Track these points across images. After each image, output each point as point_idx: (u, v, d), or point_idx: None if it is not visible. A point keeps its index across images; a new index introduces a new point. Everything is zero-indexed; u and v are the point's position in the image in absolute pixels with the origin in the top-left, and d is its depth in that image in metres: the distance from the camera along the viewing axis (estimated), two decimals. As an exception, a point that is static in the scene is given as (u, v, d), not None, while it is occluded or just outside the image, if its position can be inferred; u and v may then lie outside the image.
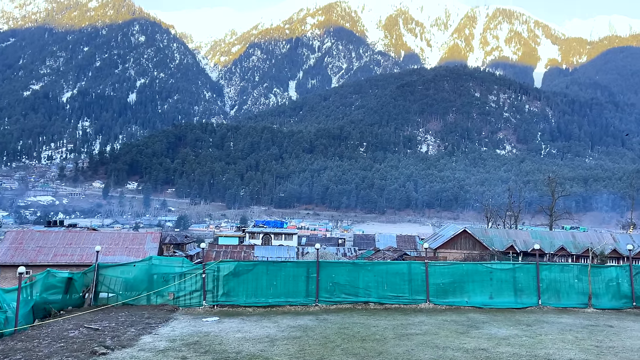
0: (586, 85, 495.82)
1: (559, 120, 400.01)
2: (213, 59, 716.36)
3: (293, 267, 21.68)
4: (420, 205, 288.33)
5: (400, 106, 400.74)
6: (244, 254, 61.28)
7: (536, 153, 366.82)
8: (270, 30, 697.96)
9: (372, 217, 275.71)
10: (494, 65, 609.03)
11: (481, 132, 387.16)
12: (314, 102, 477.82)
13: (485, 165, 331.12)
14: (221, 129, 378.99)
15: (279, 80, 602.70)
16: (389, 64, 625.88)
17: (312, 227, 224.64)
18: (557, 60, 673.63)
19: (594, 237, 72.33)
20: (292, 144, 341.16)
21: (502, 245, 67.50)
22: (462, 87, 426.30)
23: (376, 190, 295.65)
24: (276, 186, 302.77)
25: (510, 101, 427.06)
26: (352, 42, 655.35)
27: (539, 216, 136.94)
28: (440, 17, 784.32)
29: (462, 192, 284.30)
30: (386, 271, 21.41)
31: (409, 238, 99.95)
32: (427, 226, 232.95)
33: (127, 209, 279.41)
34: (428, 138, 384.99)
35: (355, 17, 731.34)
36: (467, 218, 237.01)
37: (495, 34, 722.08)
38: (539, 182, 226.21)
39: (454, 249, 66.43)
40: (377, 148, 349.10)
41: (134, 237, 50.83)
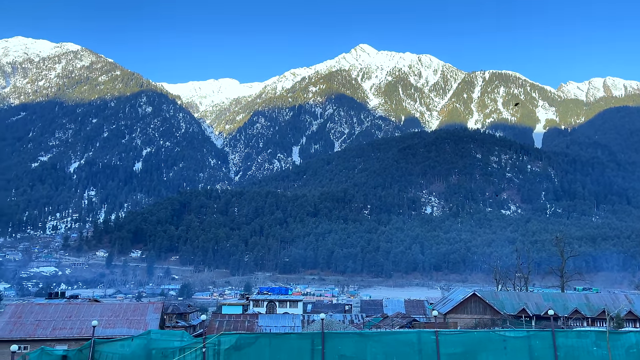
0: (586, 145, 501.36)
1: (562, 180, 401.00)
2: (218, 127, 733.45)
3: (297, 340, 20.79)
4: (427, 268, 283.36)
5: (402, 168, 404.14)
6: (248, 324, 59.48)
7: (541, 213, 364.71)
8: (273, 99, 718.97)
9: (378, 281, 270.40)
10: (493, 127, 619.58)
11: (485, 193, 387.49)
12: (317, 166, 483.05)
13: (491, 226, 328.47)
14: (226, 194, 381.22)
15: (282, 146, 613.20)
16: (390, 128, 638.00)
17: (318, 292, 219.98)
18: (556, 121, 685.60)
19: (608, 299, 70.11)
20: (296, 208, 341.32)
21: (514, 308, 65.42)
22: (464, 148, 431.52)
23: (382, 253, 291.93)
24: (281, 251, 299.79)
25: (512, 161, 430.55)
26: (353, 108, 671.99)
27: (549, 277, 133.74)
28: (439, 83, 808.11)
29: (469, 254, 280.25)
30: (395, 341, 20.48)
31: (417, 303, 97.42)
32: (436, 289, 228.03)
33: (130, 278, 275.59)
34: (432, 199, 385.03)
35: (356, 85, 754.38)
36: (475, 280, 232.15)
37: (493, 97, 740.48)
38: (546, 242, 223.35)
39: (465, 314, 64.39)
40: (381, 210, 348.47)
41: (135, 308, 49.65)
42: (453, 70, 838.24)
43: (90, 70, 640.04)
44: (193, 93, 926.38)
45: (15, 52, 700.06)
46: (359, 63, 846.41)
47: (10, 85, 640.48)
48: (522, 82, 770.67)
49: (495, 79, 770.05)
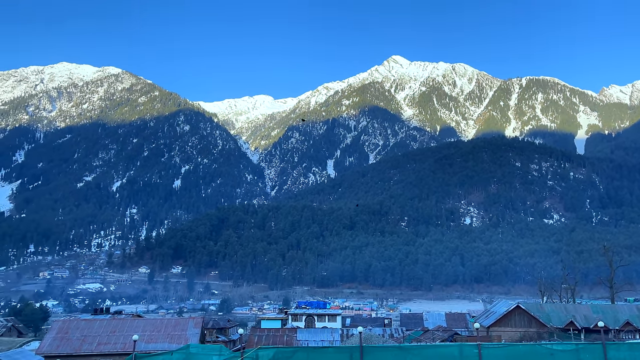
0: (632, 150, 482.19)
1: (607, 186, 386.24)
2: (254, 143, 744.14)
3: (335, 353, 20.62)
4: (468, 280, 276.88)
5: (439, 179, 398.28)
6: (287, 338, 59.36)
7: (587, 221, 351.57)
8: (307, 114, 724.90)
9: (418, 295, 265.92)
10: (532, 135, 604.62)
11: (526, 202, 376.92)
12: (353, 179, 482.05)
13: (533, 236, 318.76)
14: (262, 209, 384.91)
15: (317, 159, 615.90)
16: (425, 139, 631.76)
17: (357, 306, 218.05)
18: (598, 126, 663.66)
19: (662, 310, 66.56)
20: (332, 222, 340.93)
21: (561, 321, 62.97)
22: (502, 157, 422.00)
23: (421, 265, 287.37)
24: (318, 265, 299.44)
25: (554, 169, 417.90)
26: (387, 120, 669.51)
27: (597, 288, 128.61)
28: (474, 91, 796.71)
29: (512, 265, 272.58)
30: (436, 355, 20.03)
31: (458, 316, 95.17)
32: (478, 302, 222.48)
33: (171, 294, 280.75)
34: (471, 210, 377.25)
35: (389, 96, 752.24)
36: (519, 292, 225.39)
37: (531, 103, 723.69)
38: (593, 252, 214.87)
39: (508, 327, 62.40)
40: (418, 222, 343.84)
41: (176, 323, 50.33)
42: (488, 78, 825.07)
43: (130, 92, 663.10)
44: (229, 110, 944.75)
45: (60, 77, 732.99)
46: (391, 75, 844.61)
47: (57, 109, 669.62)
48: (562, 88, 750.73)
49: (533, 85, 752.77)
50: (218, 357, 19.96)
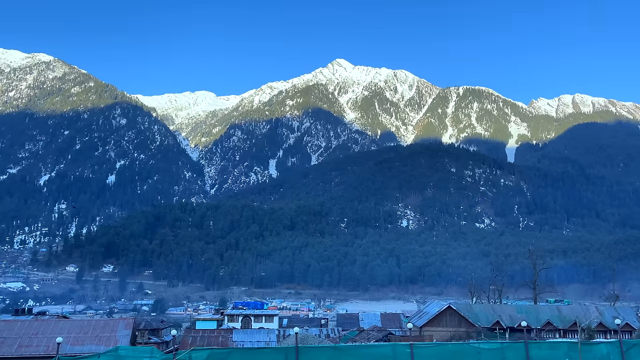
0: (557, 160, 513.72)
1: (533, 194, 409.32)
2: (194, 140, 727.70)
3: (271, 354, 20.50)
4: (403, 281, 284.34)
5: (379, 182, 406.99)
6: (222, 339, 58.43)
7: (514, 226, 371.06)
8: (250, 112, 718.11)
9: (355, 295, 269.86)
10: (467, 142, 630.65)
11: (459, 206, 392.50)
12: (294, 179, 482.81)
13: (465, 239, 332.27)
14: (201, 208, 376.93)
15: (259, 159, 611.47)
16: (366, 142, 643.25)
17: (294, 307, 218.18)
18: (527, 136, 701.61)
19: (579, 311, 71.31)
20: (272, 222, 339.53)
21: (488, 321, 65.91)
22: (438, 163, 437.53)
23: (358, 266, 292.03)
24: (257, 265, 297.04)
25: (486, 176, 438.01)
26: (330, 122, 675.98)
27: (522, 290, 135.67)
28: (414, 98, 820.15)
29: (445, 267, 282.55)
30: (369, 355, 20.36)
31: (393, 316, 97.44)
32: (412, 303, 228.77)
33: (101, 294, 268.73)
34: (408, 213, 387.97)
35: (332, 99, 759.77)
36: (451, 293, 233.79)
37: (467, 112, 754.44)
38: (519, 255, 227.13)
39: (440, 327, 64.59)
40: (357, 224, 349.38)
41: (105, 325, 48.26)
42: (428, 85, 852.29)
43: (62, 81, 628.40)
44: (169, 105, 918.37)
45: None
46: (335, 77, 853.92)
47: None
48: (495, 98, 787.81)
49: (469, 95, 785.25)
50: (149, 359, 19.28)
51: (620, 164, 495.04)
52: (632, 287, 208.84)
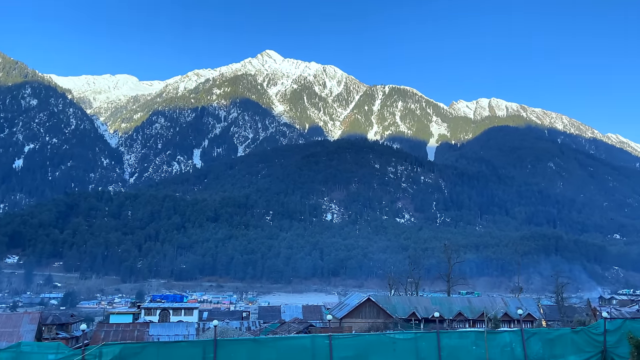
0: (473, 160, 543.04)
1: (451, 191, 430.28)
2: (113, 126, 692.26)
3: (188, 348, 19.94)
4: (326, 274, 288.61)
5: (305, 176, 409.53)
6: (137, 333, 56.24)
7: (432, 221, 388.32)
8: (175, 99, 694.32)
9: (278, 288, 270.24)
10: (391, 139, 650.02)
11: (382, 202, 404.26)
12: (220, 170, 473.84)
13: (386, 233, 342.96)
14: (119, 197, 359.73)
15: (183, 148, 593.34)
16: (294, 135, 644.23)
17: (216, 300, 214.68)
18: (447, 136, 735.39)
19: (487, 302, 76.02)
20: (195, 213, 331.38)
21: (405, 312, 68.57)
22: (363, 158, 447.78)
23: (282, 259, 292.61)
24: (177, 257, 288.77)
25: (407, 173, 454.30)
26: (258, 114, 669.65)
27: (437, 282, 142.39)
28: (342, 94, 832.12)
29: (366, 260, 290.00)
30: (289, 346, 20.42)
31: (314, 308, 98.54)
32: (333, 295, 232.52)
33: (4, 286, 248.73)
34: (332, 207, 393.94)
35: (261, 90, 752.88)
36: (371, 285, 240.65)
37: (392, 110, 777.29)
38: (436, 250, 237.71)
39: (359, 318, 66.26)
40: (283, 216, 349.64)
41: (7, 319, 44.95)
42: (356, 82, 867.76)
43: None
44: (86, 87, 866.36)
45: None
46: (265, 69, 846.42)
47: None
48: (419, 98, 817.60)
49: (395, 94, 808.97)
50: (55, 355, 18.07)
51: (528, 166, 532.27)
52: (534, 280, 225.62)
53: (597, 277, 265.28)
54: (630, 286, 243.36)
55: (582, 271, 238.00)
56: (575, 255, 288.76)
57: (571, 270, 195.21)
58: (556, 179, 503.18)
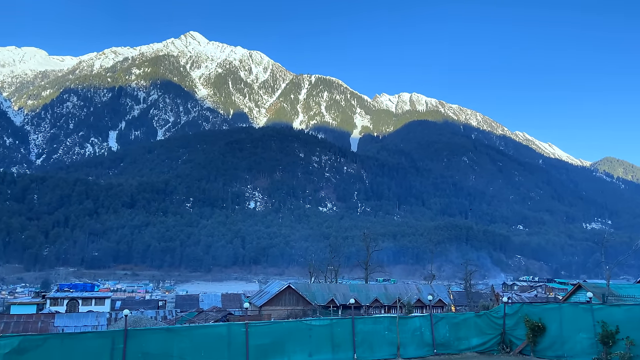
0: (393, 152, 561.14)
1: (372, 182, 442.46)
2: (18, 102, 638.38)
3: (95, 339, 18.98)
4: (247, 262, 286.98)
5: (228, 162, 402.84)
6: (42, 325, 52.80)
7: (353, 211, 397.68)
8: (89, 77, 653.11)
9: (197, 276, 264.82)
10: (316, 129, 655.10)
11: (305, 190, 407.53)
12: (137, 154, 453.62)
13: (309, 222, 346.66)
14: (23, 179, 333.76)
15: (97, 129, 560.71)
16: (217, 121, 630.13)
17: (130, 289, 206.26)
18: (370, 128, 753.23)
19: (402, 289, 79.31)
20: (110, 198, 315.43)
21: (324, 299, 69.89)
22: (288, 147, 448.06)
23: (202, 247, 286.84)
24: (89, 244, 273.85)
25: (331, 162, 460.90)
26: (180, 97, 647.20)
27: (356, 270, 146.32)
28: (268, 81, 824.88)
29: (288, 248, 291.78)
30: (204, 335, 20.06)
31: (234, 296, 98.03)
32: (254, 283, 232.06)
33: None
34: (256, 195, 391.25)
35: (184, 73, 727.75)
36: (292, 273, 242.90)
37: (317, 100, 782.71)
38: (355, 238, 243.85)
39: (279, 306, 66.67)
40: (204, 204, 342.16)
41: None
42: (282, 70, 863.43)
43: None
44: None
45: None
46: (188, 50, 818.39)
47: None
48: (344, 90, 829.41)
49: (320, 84, 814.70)
50: (-61, 351, 16.47)
51: (444, 159, 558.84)
52: (446, 267, 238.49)
53: (502, 264, 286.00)
54: (530, 273, 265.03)
55: (489, 259, 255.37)
56: (483, 245, 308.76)
57: (479, 258, 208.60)
58: (469, 173, 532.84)
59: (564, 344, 22.03)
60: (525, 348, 23.28)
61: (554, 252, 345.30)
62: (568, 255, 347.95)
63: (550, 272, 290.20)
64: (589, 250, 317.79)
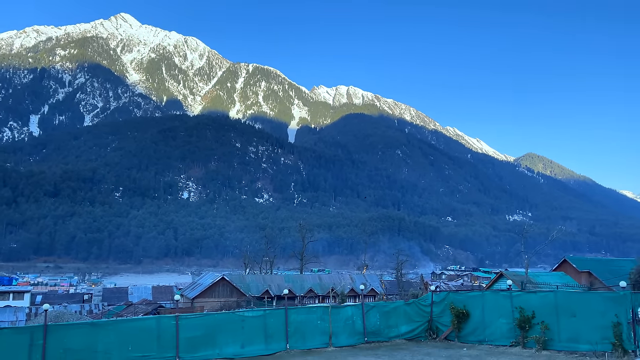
0: (330, 144, 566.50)
1: (308, 173, 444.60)
2: None
3: (12, 335, 17.83)
4: (180, 254, 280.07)
5: (161, 151, 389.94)
6: (-49, 323, 49.01)
7: (290, 202, 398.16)
8: (8, 56, 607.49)
9: (127, 268, 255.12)
10: (253, 119, 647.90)
11: (241, 181, 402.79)
12: (62, 140, 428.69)
13: (244, 213, 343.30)
14: None
15: (17, 113, 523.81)
16: (150, 108, 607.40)
17: (53, 282, 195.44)
18: (307, 120, 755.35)
19: (336, 279, 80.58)
20: (30, 187, 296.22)
21: (259, 290, 69.72)
22: (224, 136, 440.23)
23: (132, 238, 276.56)
24: (7, 235, 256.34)
25: (268, 153, 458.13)
26: (110, 81, 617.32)
27: (292, 260, 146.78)
28: (204, 68, 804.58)
29: (222, 239, 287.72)
30: (132, 329, 19.39)
31: (166, 289, 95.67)
32: (187, 275, 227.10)
33: None
34: (190, 185, 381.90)
35: (114, 56, 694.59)
36: (227, 265, 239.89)
37: (255, 90, 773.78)
38: (291, 229, 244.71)
39: (213, 297, 65.78)
40: (134, 193, 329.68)
41: None
42: (219, 57, 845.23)
43: None
44: None
45: None
46: (119, 33, 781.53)
47: None
48: (282, 80, 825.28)
49: (258, 73, 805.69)
50: None
51: (379, 152, 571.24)
52: (379, 258, 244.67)
53: (432, 254, 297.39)
54: (457, 263, 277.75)
55: (419, 249, 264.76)
56: (414, 235, 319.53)
57: (410, 248, 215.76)
58: (402, 166, 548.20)
59: (486, 329, 23.28)
60: (450, 334, 24.38)
61: (480, 243, 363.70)
62: (492, 245, 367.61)
63: (476, 262, 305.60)
64: (511, 241, 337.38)
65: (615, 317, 18.97)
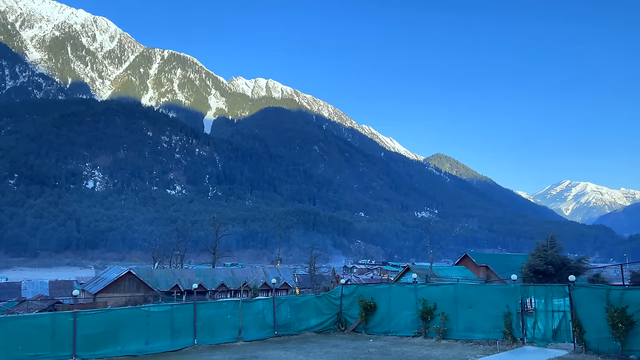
0: (247, 136, 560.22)
1: (224, 165, 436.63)
2: None
3: None
4: (82, 246, 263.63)
5: (64, 137, 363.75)
6: None
7: (204, 194, 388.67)
8: None
9: (21, 262, 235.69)
10: (167, 107, 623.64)
11: (152, 171, 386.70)
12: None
13: (155, 205, 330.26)
14: None
15: None
16: (52, 90, 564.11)
17: None
18: (225, 111, 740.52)
19: (249, 273, 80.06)
20: None
21: (168, 285, 67.54)
22: (135, 124, 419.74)
23: (28, 229, 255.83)
24: None
25: (182, 143, 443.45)
26: (7, 58, 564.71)
27: (204, 254, 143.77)
28: (114, 51, 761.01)
29: (130, 232, 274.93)
30: (22, 326, 17.94)
31: (65, 284, 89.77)
32: (90, 269, 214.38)
33: None
34: (95, 174, 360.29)
35: (12, 32, 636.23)
36: (134, 258, 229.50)
37: (170, 77, 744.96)
38: (205, 222, 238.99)
39: (117, 292, 62.72)
40: (32, 181, 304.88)
41: None
42: (131, 41, 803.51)
43: None
44: None
45: None
46: (18, 7, 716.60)
47: None
48: (199, 69, 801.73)
49: (174, 60, 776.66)
50: None
51: (297, 147, 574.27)
52: (293, 251, 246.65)
53: (344, 248, 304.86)
54: (368, 257, 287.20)
55: (333, 244, 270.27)
56: (329, 230, 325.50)
57: (324, 242, 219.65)
58: (319, 161, 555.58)
59: (391, 321, 24.24)
60: (358, 326, 25.11)
61: (390, 238, 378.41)
62: (401, 240, 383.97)
63: (386, 256, 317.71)
64: (418, 236, 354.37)
65: (506, 308, 20.53)
